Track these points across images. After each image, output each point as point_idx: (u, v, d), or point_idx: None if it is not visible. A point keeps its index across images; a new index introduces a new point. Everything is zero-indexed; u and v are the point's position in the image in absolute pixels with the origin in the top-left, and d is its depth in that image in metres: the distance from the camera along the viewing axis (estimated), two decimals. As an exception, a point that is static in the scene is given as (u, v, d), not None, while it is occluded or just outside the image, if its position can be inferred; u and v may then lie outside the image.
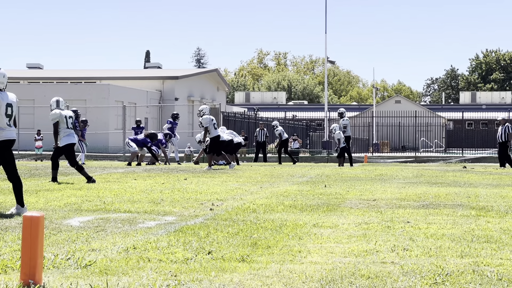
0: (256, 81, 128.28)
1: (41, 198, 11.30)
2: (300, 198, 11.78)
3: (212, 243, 6.86)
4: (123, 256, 6.14)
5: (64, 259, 5.91)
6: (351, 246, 6.80)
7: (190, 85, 57.29)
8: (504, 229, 8.08)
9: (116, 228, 7.96)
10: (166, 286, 5.02)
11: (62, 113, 15.31)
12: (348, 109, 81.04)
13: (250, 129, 45.36)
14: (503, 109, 75.33)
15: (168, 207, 10.26)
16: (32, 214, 5.04)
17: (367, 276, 5.39)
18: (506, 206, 10.53)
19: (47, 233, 7.38)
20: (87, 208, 10.01)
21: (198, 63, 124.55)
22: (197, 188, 13.76)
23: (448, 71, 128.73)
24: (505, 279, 5.32)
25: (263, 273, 5.51)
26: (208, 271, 5.56)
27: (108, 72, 60.65)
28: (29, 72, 62.20)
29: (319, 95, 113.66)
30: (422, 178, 17.61)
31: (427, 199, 11.63)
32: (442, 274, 5.48)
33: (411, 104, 75.68)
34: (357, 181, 16.05)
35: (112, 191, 12.88)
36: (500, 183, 15.81)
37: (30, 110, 43.43)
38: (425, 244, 6.89)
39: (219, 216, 9.07)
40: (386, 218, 8.97)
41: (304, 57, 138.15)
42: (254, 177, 17.32)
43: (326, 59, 53.92)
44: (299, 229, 7.94)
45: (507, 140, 25.44)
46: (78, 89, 47.03)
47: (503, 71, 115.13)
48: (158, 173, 18.80)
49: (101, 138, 41.68)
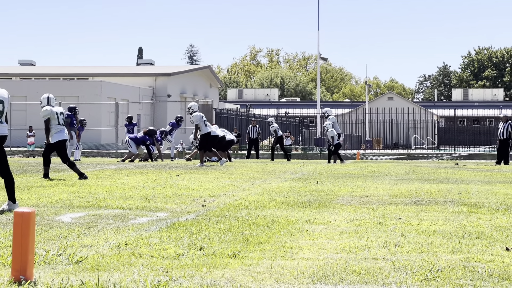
0: (249, 78, 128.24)
1: (32, 195, 11.27)
2: (292, 194, 11.79)
3: (204, 239, 6.86)
4: (114, 252, 6.13)
5: (56, 255, 5.90)
6: (343, 242, 6.81)
7: (183, 82, 57.25)
8: (495, 225, 8.10)
9: (108, 224, 7.95)
10: (157, 282, 5.02)
11: (53, 110, 15.25)
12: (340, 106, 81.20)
13: (242, 126, 45.37)
14: (495, 106, 75.56)
15: (160, 203, 10.25)
16: (23, 210, 5.03)
17: (359, 272, 5.40)
18: (498, 203, 10.56)
19: (38, 229, 7.37)
20: (79, 204, 10.00)
21: (191, 60, 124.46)
22: (189, 184, 13.76)
23: (440, 68, 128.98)
24: (495, 275, 5.34)
25: (254, 269, 5.51)
26: (199, 267, 5.56)
27: (100, 69, 60.56)
28: (21, 68, 62.08)
29: (312, 92, 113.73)
30: (414, 175, 17.64)
31: (419, 196, 11.65)
32: (433, 270, 5.50)
33: (404, 101, 75.79)
34: (349, 178, 16.06)
35: (104, 187, 12.86)
36: (491, 180, 15.85)
37: (22, 107, 43.35)
38: (417, 241, 6.91)
39: (211, 213, 9.07)
40: (378, 215, 8.98)
41: (296, 54, 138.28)
42: (246, 174, 17.32)
43: (319, 56, 53.92)
44: (291, 225, 7.94)
45: (509, 138, 25.46)
46: (71, 86, 46.94)
47: (495, 68, 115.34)
48: (150, 169, 18.79)
49: (93, 134, 41.62)
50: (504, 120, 25.99)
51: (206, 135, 21.75)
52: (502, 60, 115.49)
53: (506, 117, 26.26)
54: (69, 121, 24.57)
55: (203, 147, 21.75)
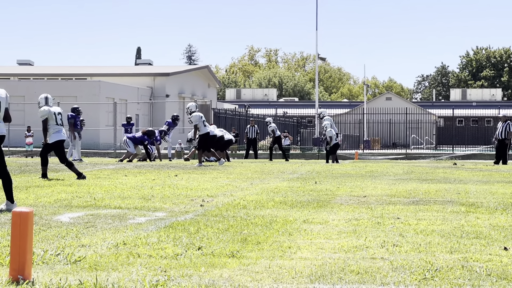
0: (247, 78, 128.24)
1: (31, 194, 11.27)
2: (291, 194, 11.79)
3: (202, 239, 6.86)
4: (113, 252, 6.13)
5: (54, 255, 5.90)
6: (341, 242, 6.81)
7: (181, 81, 57.24)
8: (493, 225, 8.11)
9: (106, 224, 7.94)
10: (155, 281, 5.02)
11: (51, 110, 15.25)
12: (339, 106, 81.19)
13: (241, 126, 45.37)
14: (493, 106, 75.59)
15: (158, 203, 10.25)
16: (21, 209, 5.03)
17: (357, 272, 5.40)
18: (496, 203, 10.56)
19: (36, 229, 7.36)
20: (77, 204, 9.99)
21: (189, 60, 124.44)
22: (188, 184, 13.76)
23: (438, 68, 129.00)
24: (494, 275, 5.34)
25: (252, 268, 5.52)
26: (198, 266, 5.56)
27: (99, 69, 60.54)
28: (20, 68, 62.04)
29: (310, 92, 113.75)
30: (413, 174, 17.64)
31: (417, 196, 11.65)
32: (431, 269, 5.50)
33: (402, 101, 75.82)
34: (348, 178, 16.06)
35: (102, 187, 12.85)
36: (490, 180, 15.86)
37: (20, 107, 43.32)
38: (415, 240, 6.91)
39: (209, 212, 9.07)
40: (376, 214, 8.98)
41: (295, 54, 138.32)
42: (245, 174, 17.32)
43: (317, 56, 53.93)
44: (289, 225, 7.94)
45: (506, 138, 25.47)
46: (69, 86, 46.91)
47: (493, 68, 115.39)
48: (148, 169, 18.78)
49: (92, 134, 41.58)
50: (503, 120, 25.99)
51: (205, 135, 21.72)
52: (500, 60, 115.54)
53: (505, 117, 26.25)
54: (73, 122, 24.55)
55: (201, 147, 21.74)
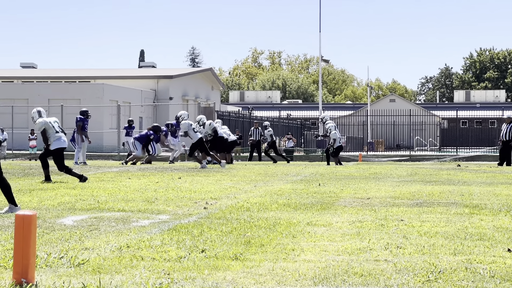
0: (251, 80, 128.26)
1: (34, 197, 11.28)
2: (294, 196, 11.78)
3: (206, 242, 6.86)
4: (116, 255, 6.13)
5: (57, 258, 5.90)
6: (345, 244, 6.81)
7: (185, 84, 57.26)
8: (497, 227, 8.10)
9: (110, 227, 7.95)
10: (159, 284, 5.02)
11: (46, 120, 15.43)
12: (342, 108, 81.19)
13: (244, 128, 45.36)
14: (497, 107, 75.47)
15: (162, 206, 10.25)
16: (25, 213, 5.03)
17: (360, 274, 5.40)
18: (500, 204, 10.55)
19: (40, 232, 7.37)
20: (80, 207, 10.00)
21: (193, 62, 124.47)
22: (191, 187, 13.76)
23: (442, 70, 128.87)
24: (497, 276, 5.33)
25: (256, 271, 5.51)
26: (201, 269, 5.55)
27: (102, 72, 60.57)
28: (23, 71, 62.07)
29: (314, 94, 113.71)
30: (416, 176, 17.62)
31: (421, 198, 11.64)
32: (435, 271, 5.49)
33: (406, 103, 75.75)
34: (351, 180, 16.05)
35: (106, 190, 12.86)
36: (493, 181, 15.83)
37: (24, 110, 43.32)
38: (419, 242, 6.90)
39: (212, 215, 9.07)
40: (380, 217, 8.97)
41: (298, 56, 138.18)
42: (248, 176, 17.32)
43: (321, 58, 53.90)
44: (293, 227, 7.94)
45: (511, 139, 25.39)
46: (72, 89, 46.92)
47: (497, 70, 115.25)
48: (152, 172, 18.79)
49: (95, 137, 41.56)
50: (508, 121, 25.91)
51: (199, 141, 22.20)
52: (504, 62, 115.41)
53: (510, 118, 26.16)
54: (81, 124, 24.57)
55: (195, 149, 22.22)
